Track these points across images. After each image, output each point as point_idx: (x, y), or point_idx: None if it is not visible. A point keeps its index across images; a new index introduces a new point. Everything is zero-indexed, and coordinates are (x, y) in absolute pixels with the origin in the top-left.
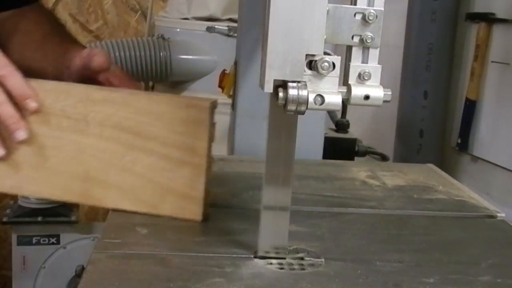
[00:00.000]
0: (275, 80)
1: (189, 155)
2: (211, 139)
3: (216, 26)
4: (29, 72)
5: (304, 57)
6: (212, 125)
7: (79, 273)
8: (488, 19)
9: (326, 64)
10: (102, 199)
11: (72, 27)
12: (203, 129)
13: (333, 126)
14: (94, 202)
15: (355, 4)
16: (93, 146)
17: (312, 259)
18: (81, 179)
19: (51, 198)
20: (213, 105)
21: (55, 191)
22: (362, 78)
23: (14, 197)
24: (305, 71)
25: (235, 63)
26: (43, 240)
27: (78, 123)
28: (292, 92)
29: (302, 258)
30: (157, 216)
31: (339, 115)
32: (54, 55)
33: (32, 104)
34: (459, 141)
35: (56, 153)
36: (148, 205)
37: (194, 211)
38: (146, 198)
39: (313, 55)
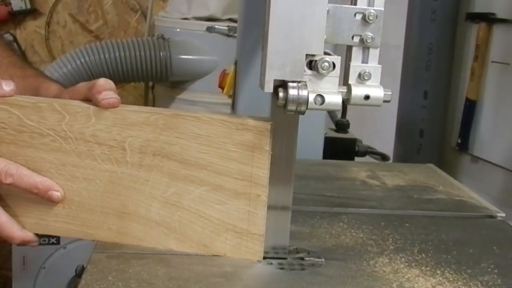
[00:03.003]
0: (275, 80)
1: (246, 185)
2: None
3: (216, 26)
4: None
5: (304, 57)
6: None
7: (79, 273)
8: (488, 19)
9: (326, 64)
10: (143, 237)
11: (72, 27)
12: (262, 155)
13: (333, 126)
14: (132, 241)
15: (355, 4)
16: (131, 177)
17: (312, 259)
18: (116, 215)
19: (82, 238)
20: (273, 126)
21: (86, 229)
22: (362, 78)
23: None
24: (305, 71)
25: (235, 63)
26: (43, 240)
27: (113, 151)
28: (292, 92)
29: (302, 258)
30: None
31: (339, 115)
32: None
33: (56, 195)
34: (459, 141)
35: (87, 185)
36: (198, 244)
37: (253, 250)
38: (196, 236)
39: (313, 55)
